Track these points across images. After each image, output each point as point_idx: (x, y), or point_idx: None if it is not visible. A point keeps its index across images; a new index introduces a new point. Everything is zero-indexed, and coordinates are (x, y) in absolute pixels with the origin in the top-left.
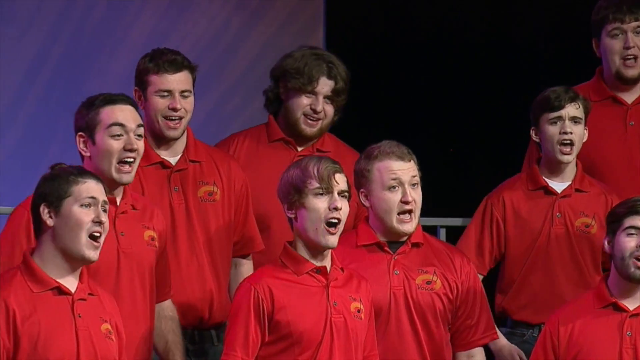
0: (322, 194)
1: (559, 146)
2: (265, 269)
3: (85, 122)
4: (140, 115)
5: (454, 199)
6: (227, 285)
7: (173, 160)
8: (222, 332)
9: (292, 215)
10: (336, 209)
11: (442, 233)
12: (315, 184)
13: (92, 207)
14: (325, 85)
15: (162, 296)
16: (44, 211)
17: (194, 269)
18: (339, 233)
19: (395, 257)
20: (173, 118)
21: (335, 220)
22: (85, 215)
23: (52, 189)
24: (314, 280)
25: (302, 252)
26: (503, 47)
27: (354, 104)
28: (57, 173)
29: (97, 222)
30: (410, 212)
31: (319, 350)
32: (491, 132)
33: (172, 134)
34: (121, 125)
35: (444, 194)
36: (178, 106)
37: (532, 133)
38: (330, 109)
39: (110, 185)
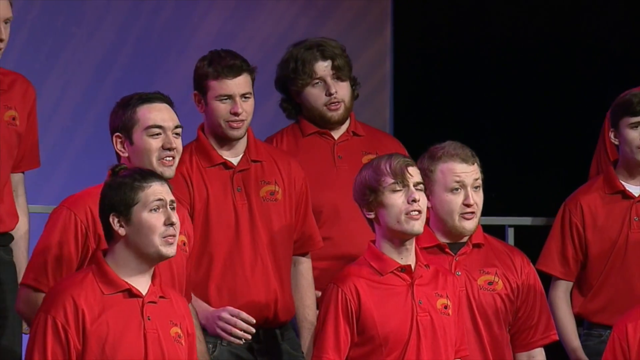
0: (398, 189)
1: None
2: (351, 268)
3: (122, 122)
4: (176, 114)
5: (522, 198)
6: (290, 284)
7: (235, 160)
8: (286, 330)
9: (372, 216)
10: (415, 200)
11: (511, 233)
12: (390, 180)
13: (161, 210)
14: (324, 68)
15: None
16: (114, 221)
17: (258, 269)
18: (422, 221)
19: (457, 258)
20: (235, 121)
21: (416, 212)
22: (156, 220)
23: (119, 197)
24: (398, 279)
25: (387, 250)
26: (574, 47)
27: (422, 104)
28: (121, 180)
29: (169, 224)
30: (471, 212)
31: (406, 350)
32: (560, 130)
33: (235, 134)
34: (159, 126)
35: (513, 193)
36: (239, 110)
37: (611, 135)
38: (344, 87)
39: None
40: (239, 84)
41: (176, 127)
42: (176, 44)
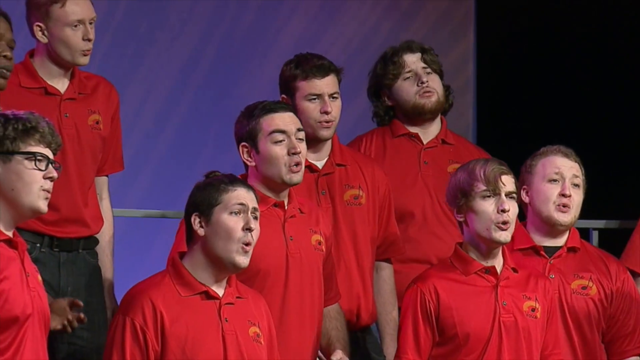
0: (489, 196)
1: None
2: (434, 269)
3: (247, 132)
4: (300, 120)
5: (607, 202)
6: (372, 288)
7: (320, 164)
8: (368, 334)
9: (462, 219)
10: (504, 210)
11: (595, 236)
12: (482, 187)
13: (241, 215)
14: (414, 60)
15: (329, 301)
16: (195, 221)
17: (341, 273)
18: (510, 231)
19: (551, 261)
20: (326, 120)
21: (504, 222)
22: (235, 223)
23: (203, 197)
24: (482, 280)
25: (472, 253)
26: None
27: (506, 106)
28: (209, 182)
29: (247, 229)
30: (567, 205)
31: (486, 350)
32: None
33: (325, 134)
34: (282, 131)
35: (597, 197)
36: (329, 109)
37: None
38: (435, 79)
39: (279, 189)
40: (328, 83)
41: (298, 129)
42: (259, 47)
